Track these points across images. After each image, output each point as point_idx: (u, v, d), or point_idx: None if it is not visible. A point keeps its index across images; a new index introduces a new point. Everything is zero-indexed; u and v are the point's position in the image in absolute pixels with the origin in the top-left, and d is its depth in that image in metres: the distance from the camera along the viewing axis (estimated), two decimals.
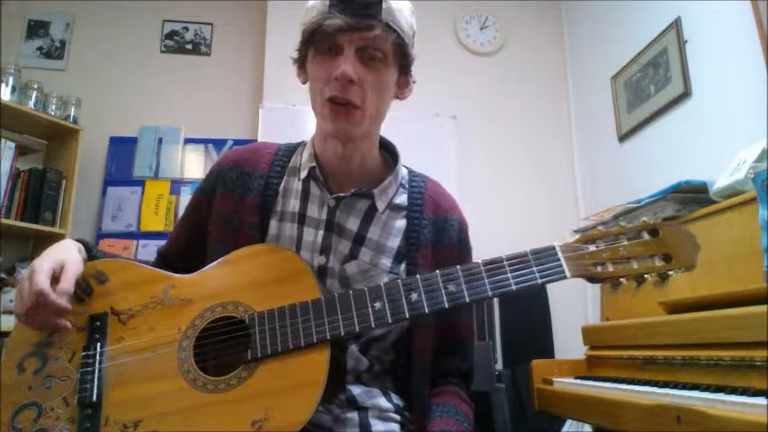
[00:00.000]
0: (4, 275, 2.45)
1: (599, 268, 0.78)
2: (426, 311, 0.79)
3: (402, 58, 0.91)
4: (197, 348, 0.82)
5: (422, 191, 1.00)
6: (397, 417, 0.89)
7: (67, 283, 0.83)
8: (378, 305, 0.80)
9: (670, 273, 0.77)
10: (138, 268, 0.92)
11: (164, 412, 0.78)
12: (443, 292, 0.79)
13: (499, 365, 2.39)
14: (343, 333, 0.79)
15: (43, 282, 0.81)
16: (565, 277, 0.78)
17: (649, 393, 1.11)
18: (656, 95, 2.38)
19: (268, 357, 0.79)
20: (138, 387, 0.81)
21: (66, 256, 0.87)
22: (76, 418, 0.80)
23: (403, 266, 0.93)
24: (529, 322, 2.50)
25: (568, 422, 2.22)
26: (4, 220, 2.42)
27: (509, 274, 0.78)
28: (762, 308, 0.99)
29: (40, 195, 2.56)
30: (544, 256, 0.79)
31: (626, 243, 0.79)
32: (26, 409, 0.82)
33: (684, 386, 1.08)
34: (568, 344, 2.24)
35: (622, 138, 2.64)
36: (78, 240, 0.94)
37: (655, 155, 2.39)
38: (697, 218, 1.39)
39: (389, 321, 0.79)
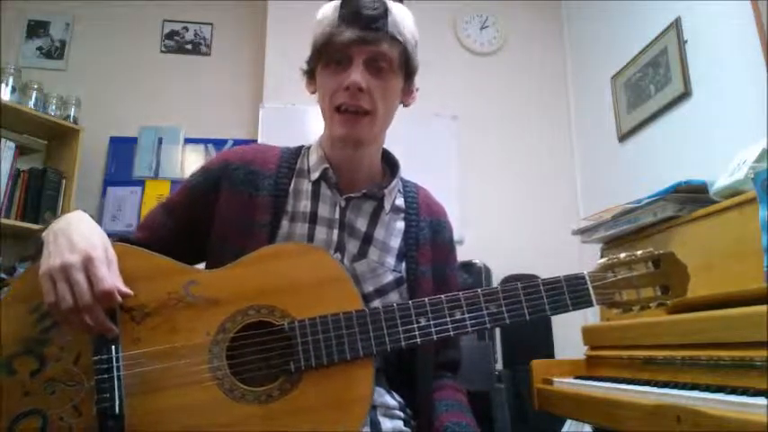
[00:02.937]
0: (4, 275, 2.45)
1: (616, 296, 0.85)
2: (469, 330, 0.81)
3: (407, 67, 0.95)
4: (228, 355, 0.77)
5: (415, 195, 1.05)
6: (401, 414, 0.92)
7: (122, 283, 0.76)
8: (423, 321, 0.80)
9: (667, 302, 0.86)
10: (148, 257, 0.83)
11: (199, 425, 0.73)
12: (485, 312, 0.81)
13: (499, 365, 2.39)
14: (389, 348, 0.79)
15: (111, 281, 0.73)
16: (591, 305, 0.84)
17: (649, 393, 1.10)
18: (656, 95, 2.38)
19: (311, 369, 0.76)
20: (167, 396, 0.74)
21: (102, 237, 0.78)
22: (96, 430, 0.72)
23: (404, 265, 0.97)
24: (529, 322, 2.50)
25: (568, 422, 2.21)
26: (4, 220, 2.42)
27: (545, 299, 0.82)
28: (762, 308, 0.99)
29: (40, 195, 2.56)
30: (575, 284, 0.84)
31: (636, 274, 0.86)
32: (26, 419, 0.72)
33: (684, 386, 1.08)
34: (568, 344, 2.24)
35: (622, 138, 2.64)
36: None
37: (655, 155, 2.39)
38: (697, 218, 1.39)
39: (434, 339, 0.80)
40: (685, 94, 2.18)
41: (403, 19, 0.92)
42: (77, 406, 0.73)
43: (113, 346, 0.75)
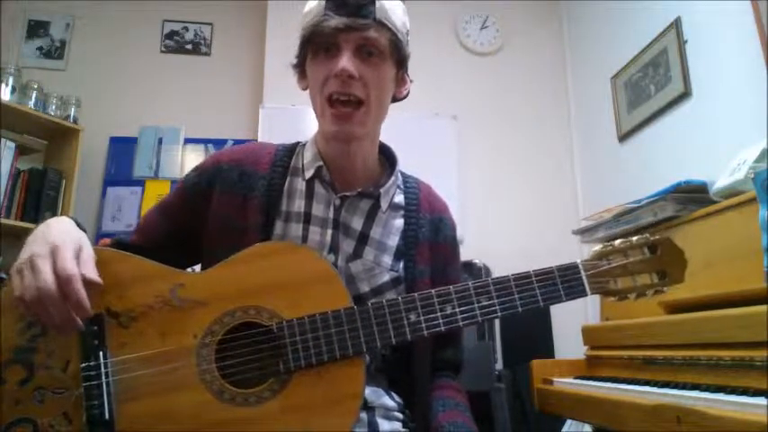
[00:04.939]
0: (3, 275, 2.45)
1: (611, 284, 0.83)
2: (461, 324, 0.79)
3: (398, 55, 0.92)
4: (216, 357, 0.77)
5: (416, 191, 1.02)
6: (400, 415, 0.90)
7: (91, 271, 0.71)
8: (413, 317, 0.79)
9: (664, 289, 0.84)
10: (135, 261, 0.82)
11: (190, 428, 0.72)
12: (477, 305, 0.79)
13: (499, 365, 2.39)
14: (379, 345, 0.78)
15: (74, 266, 0.69)
16: (585, 295, 0.82)
17: (649, 393, 1.10)
18: (656, 95, 2.38)
19: (301, 369, 0.76)
20: (156, 401, 0.73)
21: (78, 237, 0.76)
22: None
23: (402, 264, 0.95)
24: (529, 322, 2.50)
25: (568, 422, 2.21)
26: (4, 220, 2.42)
27: (537, 290, 0.80)
28: (762, 308, 0.99)
29: (39, 195, 2.56)
30: (568, 273, 0.82)
31: (632, 260, 0.83)
32: (16, 427, 0.72)
33: (684, 386, 1.08)
34: (568, 344, 2.24)
35: (622, 138, 2.64)
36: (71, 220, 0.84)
37: (655, 155, 2.39)
38: (697, 218, 1.39)
39: (425, 334, 0.79)
40: (685, 94, 2.18)
41: (392, 7, 0.90)
42: (68, 413, 0.73)
43: (101, 352, 0.75)
